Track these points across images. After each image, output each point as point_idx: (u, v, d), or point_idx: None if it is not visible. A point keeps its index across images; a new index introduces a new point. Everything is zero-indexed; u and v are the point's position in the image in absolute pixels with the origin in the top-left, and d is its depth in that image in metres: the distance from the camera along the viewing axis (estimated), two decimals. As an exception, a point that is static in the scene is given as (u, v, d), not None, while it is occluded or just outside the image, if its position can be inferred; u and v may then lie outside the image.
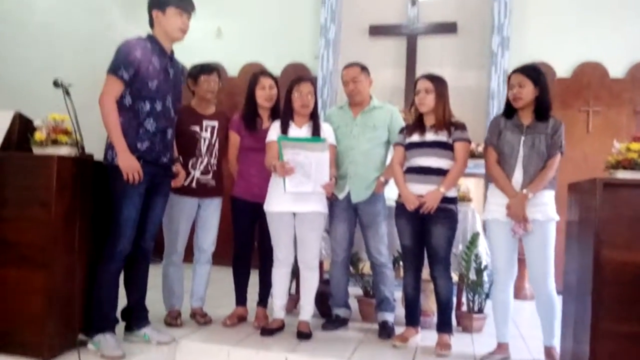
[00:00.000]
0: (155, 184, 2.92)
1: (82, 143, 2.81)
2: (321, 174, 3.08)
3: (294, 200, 3.17)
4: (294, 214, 3.24)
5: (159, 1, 2.86)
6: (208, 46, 6.11)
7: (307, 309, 3.33)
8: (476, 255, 3.62)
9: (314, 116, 3.31)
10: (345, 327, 3.57)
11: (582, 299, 2.46)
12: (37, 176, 2.65)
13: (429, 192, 3.05)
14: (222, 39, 6.25)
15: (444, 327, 3.17)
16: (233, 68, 6.22)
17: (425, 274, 3.29)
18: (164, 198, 3.03)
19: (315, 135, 3.23)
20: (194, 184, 3.40)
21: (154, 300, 3.41)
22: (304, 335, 3.23)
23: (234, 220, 3.48)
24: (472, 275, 3.63)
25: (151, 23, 2.91)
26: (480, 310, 3.66)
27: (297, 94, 3.24)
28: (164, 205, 3.06)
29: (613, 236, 2.31)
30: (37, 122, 2.79)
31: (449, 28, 5.71)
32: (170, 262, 3.44)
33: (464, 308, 3.76)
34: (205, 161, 3.43)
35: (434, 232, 3.09)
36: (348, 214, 3.49)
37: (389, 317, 3.46)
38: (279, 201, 3.20)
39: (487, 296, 3.65)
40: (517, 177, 2.94)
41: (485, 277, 3.63)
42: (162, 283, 3.46)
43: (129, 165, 2.72)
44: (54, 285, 2.66)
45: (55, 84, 2.81)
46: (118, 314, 3.00)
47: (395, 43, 5.89)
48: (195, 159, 3.41)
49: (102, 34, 5.42)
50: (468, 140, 3.14)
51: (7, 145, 2.75)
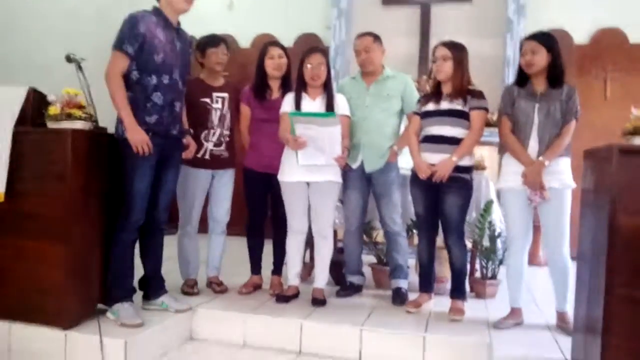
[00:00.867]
0: (166, 156, 2.94)
1: (95, 117, 2.85)
2: (333, 148, 3.08)
3: (308, 170, 3.18)
4: (307, 184, 3.26)
5: None
6: (220, 18, 6.08)
7: (321, 276, 3.38)
8: (490, 222, 3.61)
9: (327, 87, 3.30)
10: (359, 294, 3.61)
11: (596, 264, 2.46)
12: (52, 150, 2.69)
13: (441, 160, 3.04)
14: (234, 11, 6.20)
15: (457, 293, 3.19)
16: (245, 39, 6.19)
17: (439, 241, 3.30)
18: (175, 170, 3.06)
19: (329, 107, 3.23)
20: (207, 156, 3.43)
21: (171, 270, 3.47)
22: (318, 302, 3.28)
23: (246, 191, 3.50)
24: (486, 242, 3.64)
25: None
26: (494, 277, 3.68)
27: (309, 66, 3.23)
28: (175, 177, 3.09)
29: (629, 202, 2.29)
30: (51, 97, 2.81)
31: (463, -5, 5.61)
32: (184, 233, 3.49)
33: (477, 274, 3.79)
34: (218, 133, 3.45)
35: (447, 201, 3.09)
36: (361, 183, 3.50)
37: (402, 284, 3.49)
38: (292, 171, 3.22)
39: (501, 263, 3.67)
40: (533, 145, 2.92)
41: (499, 244, 3.63)
42: (177, 253, 3.52)
43: (137, 139, 2.74)
44: (72, 256, 2.72)
45: (68, 59, 2.85)
46: (136, 284, 3.07)
47: (408, 12, 5.79)
48: (207, 131, 3.42)
49: (113, 7, 5.40)
50: (485, 109, 3.10)
51: (22, 121, 2.78)
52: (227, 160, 3.51)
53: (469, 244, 3.59)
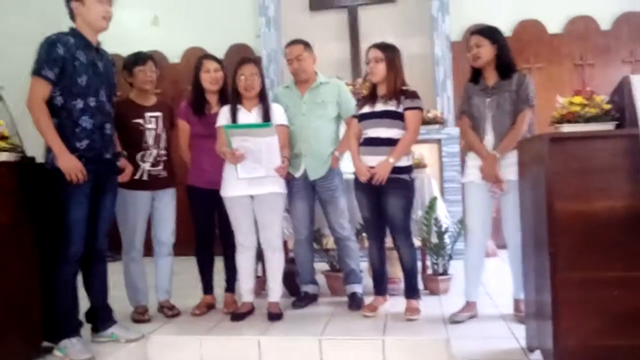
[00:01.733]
0: (101, 181, 2.83)
1: (22, 147, 2.70)
2: (272, 158, 3.05)
3: (250, 184, 3.14)
4: (251, 197, 3.21)
5: None
6: (146, 34, 5.93)
7: (275, 289, 3.33)
8: (436, 219, 3.68)
9: (262, 98, 3.26)
10: (315, 303, 3.59)
11: (539, 251, 2.54)
12: (-24, 186, 2.53)
13: (379, 163, 3.07)
14: (159, 26, 6.06)
15: (411, 292, 3.22)
16: (174, 54, 6.06)
17: (388, 242, 3.33)
18: (112, 195, 2.95)
19: (266, 118, 3.20)
20: (145, 177, 3.32)
21: (119, 297, 3.34)
22: (275, 316, 3.24)
23: (192, 209, 3.43)
24: (434, 239, 3.70)
25: (72, 16, 2.77)
26: (445, 272, 3.75)
27: (242, 77, 3.19)
28: (113, 202, 2.97)
29: (564, 188, 2.37)
30: (-29, 129, 2.65)
31: (388, -4, 5.71)
32: (130, 258, 3.37)
33: (429, 271, 3.84)
34: (155, 153, 3.35)
35: (389, 203, 3.12)
36: (306, 191, 3.48)
37: (357, 289, 3.50)
38: (234, 186, 3.17)
39: (450, 257, 3.74)
40: (489, 139, 3.00)
41: (447, 239, 3.71)
42: (124, 280, 3.39)
43: (70, 166, 2.62)
44: (7, 297, 2.56)
45: (-14, 86, 2.68)
46: (82, 317, 2.94)
47: (336, 16, 5.84)
48: (143, 152, 3.32)
49: (36, 32, 5.16)
50: (419, 108, 3.15)
51: (-59, 157, 2.60)
52: (166, 180, 3.41)
53: (417, 242, 3.64)
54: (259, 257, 3.53)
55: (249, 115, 3.23)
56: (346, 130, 3.53)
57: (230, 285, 3.52)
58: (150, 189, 3.35)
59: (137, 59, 3.38)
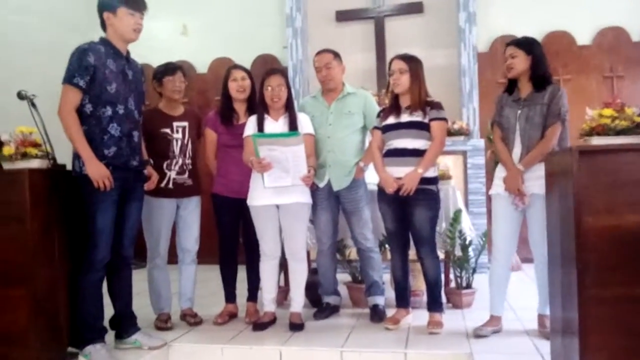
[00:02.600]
0: (128, 189, 2.87)
1: (53, 154, 2.77)
2: (298, 167, 3.06)
3: (276, 193, 3.15)
4: (277, 206, 3.23)
5: (109, 3, 2.78)
6: (175, 44, 6.02)
7: (297, 300, 3.33)
8: (460, 231, 3.64)
9: (289, 108, 3.29)
10: (336, 314, 3.58)
11: (566, 267, 2.49)
12: (9, 192, 2.59)
13: (407, 173, 3.05)
14: (188, 37, 6.16)
15: (434, 305, 3.19)
16: (202, 64, 6.15)
17: (412, 254, 3.30)
18: (138, 202, 2.99)
19: (293, 127, 3.21)
20: (170, 185, 3.36)
21: (142, 304, 3.37)
22: (296, 327, 3.23)
23: (217, 217, 3.45)
24: (458, 252, 3.66)
25: (103, 26, 2.84)
26: (469, 286, 3.70)
27: (269, 88, 3.22)
28: (139, 209, 3.01)
29: (592, 202, 2.33)
30: (4, 137, 2.72)
31: (415, 8, 5.70)
32: (154, 265, 3.40)
33: (452, 284, 3.80)
34: (180, 161, 3.39)
35: (415, 214, 3.10)
36: (330, 202, 3.48)
37: (379, 301, 3.48)
38: (261, 195, 3.18)
39: (475, 271, 3.69)
40: (517, 151, 2.97)
41: (471, 252, 3.66)
42: (148, 287, 3.43)
43: (98, 173, 2.67)
44: (37, 300, 2.61)
45: (20, 96, 2.76)
46: (106, 323, 2.97)
47: (362, 27, 5.85)
48: (169, 161, 3.37)
49: (62, 42, 5.29)
50: (444, 119, 3.13)
51: (-25, 163, 2.68)
52: (191, 188, 3.45)
53: (441, 255, 3.60)
54: (282, 266, 3.53)
55: (275, 125, 3.25)
56: (370, 141, 3.52)
57: (253, 295, 3.53)
58: (175, 197, 3.39)
59: (167, 69, 3.45)
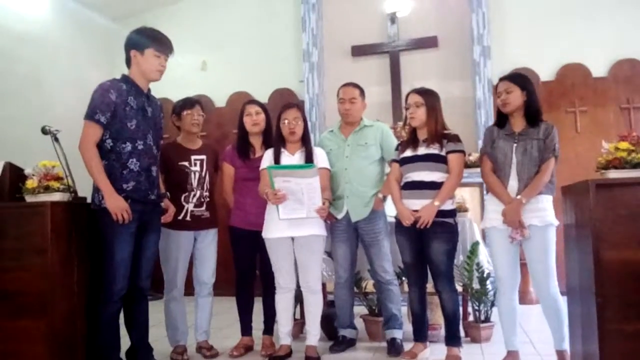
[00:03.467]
0: (145, 221, 2.91)
1: (74, 187, 2.82)
2: (313, 199, 3.09)
3: (291, 225, 3.17)
4: (292, 239, 3.24)
5: (138, 42, 2.88)
6: (194, 79, 6.16)
7: (313, 333, 3.31)
8: (477, 264, 3.61)
9: (305, 141, 3.33)
10: (353, 348, 3.54)
11: (586, 300, 2.46)
12: (31, 224, 2.65)
13: (424, 206, 3.06)
14: (207, 72, 6.31)
15: (452, 340, 3.14)
16: (220, 99, 6.27)
17: (429, 287, 3.27)
18: (155, 235, 3.03)
19: (309, 160, 3.25)
20: (188, 217, 3.40)
21: (159, 336, 3.38)
22: (312, 360, 3.21)
23: (234, 250, 3.48)
24: (476, 285, 3.62)
25: (128, 62, 2.93)
26: (487, 319, 3.65)
27: (286, 121, 3.27)
28: (156, 242, 3.05)
29: (611, 236, 2.32)
30: (27, 171, 2.80)
31: (429, 42, 5.77)
32: (171, 297, 3.42)
33: (471, 318, 3.75)
34: (198, 194, 3.44)
35: (433, 247, 3.08)
36: (348, 234, 3.49)
37: (397, 334, 3.44)
38: (276, 227, 3.20)
39: (493, 304, 3.64)
40: (512, 184, 2.94)
41: (489, 285, 3.62)
42: (165, 319, 3.44)
43: (117, 206, 2.71)
44: (55, 332, 2.64)
45: (44, 131, 2.83)
46: (123, 355, 2.97)
47: (378, 61, 5.94)
48: (187, 193, 3.42)
49: (85, 79, 5.47)
50: (462, 152, 3.14)
51: (-1, 196, 2.75)
52: (208, 220, 3.48)
53: (459, 288, 3.56)
54: (298, 299, 3.52)
55: (292, 158, 3.30)
56: (388, 174, 3.53)
57: (269, 327, 3.52)
58: (193, 229, 3.42)
59: (185, 103, 3.53)
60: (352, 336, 3.60)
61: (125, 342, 2.98)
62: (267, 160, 3.29)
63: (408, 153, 3.19)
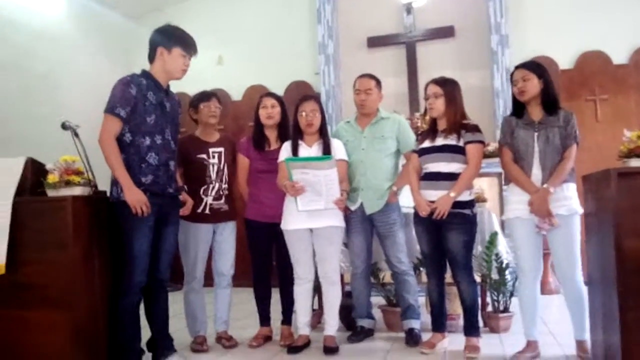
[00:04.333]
0: (164, 214, 2.94)
1: (94, 182, 2.86)
2: (331, 191, 3.09)
3: (309, 217, 3.18)
4: (310, 230, 3.25)
5: (167, 40, 2.91)
6: (211, 74, 6.19)
7: (331, 323, 3.33)
8: (496, 254, 3.59)
9: (323, 133, 3.34)
10: (371, 338, 3.55)
11: (607, 289, 2.43)
12: (53, 218, 2.70)
13: (440, 197, 3.04)
14: (223, 66, 6.34)
15: (471, 330, 3.14)
16: (237, 92, 6.31)
17: (448, 277, 3.26)
18: (174, 227, 3.06)
19: (326, 152, 3.26)
20: (207, 210, 3.43)
21: (179, 327, 3.42)
22: (330, 350, 3.22)
23: (250, 242, 3.50)
24: (495, 275, 3.60)
25: (151, 57, 2.96)
26: (506, 309, 3.63)
27: (303, 114, 3.28)
28: (175, 234, 3.08)
29: (632, 225, 2.29)
30: (49, 166, 2.84)
31: (446, 32, 5.72)
32: (190, 288, 3.46)
33: (489, 308, 3.73)
34: (217, 187, 3.46)
35: (450, 238, 3.07)
36: (364, 225, 3.49)
37: (415, 325, 3.44)
38: (294, 219, 3.22)
39: (512, 294, 3.62)
40: (536, 174, 2.92)
41: (508, 275, 3.60)
42: (184, 310, 3.48)
43: (136, 199, 2.75)
44: (77, 324, 2.69)
45: (64, 126, 2.88)
46: (144, 345, 3.02)
47: (394, 52, 5.91)
48: (206, 186, 3.44)
49: (104, 75, 5.51)
50: (481, 142, 3.11)
51: (21, 191, 2.80)
52: (227, 213, 3.51)
53: (477, 278, 3.55)
54: (316, 290, 3.54)
55: (309, 150, 3.30)
56: (405, 165, 3.52)
57: (287, 318, 3.54)
58: (212, 222, 3.45)
59: (202, 96, 3.56)
60: (370, 326, 3.61)
61: (146, 333, 3.03)
62: (285, 152, 3.31)
63: (426, 144, 3.18)
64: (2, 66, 4.85)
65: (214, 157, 3.49)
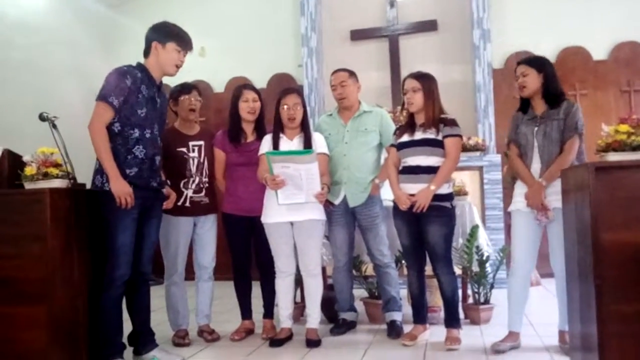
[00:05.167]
0: (147, 207, 2.92)
1: (73, 174, 2.82)
2: (312, 184, 3.09)
3: (290, 210, 3.18)
4: (291, 223, 3.25)
5: (162, 34, 2.90)
6: (192, 65, 6.08)
7: (313, 316, 3.33)
8: (477, 247, 3.62)
9: (304, 127, 3.32)
10: (353, 330, 3.57)
11: (585, 282, 2.47)
12: (30, 211, 2.64)
13: (419, 190, 3.06)
14: (206, 57, 6.26)
15: (451, 322, 3.17)
16: (219, 84, 6.25)
17: (428, 269, 3.29)
18: (157, 221, 3.04)
19: (307, 146, 3.25)
20: (187, 203, 3.41)
21: (160, 321, 3.40)
22: (313, 343, 3.23)
23: (228, 236, 3.49)
24: (475, 268, 3.64)
25: (146, 52, 2.93)
26: (487, 301, 3.67)
27: (285, 107, 3.26)
28: (157, 228, 3.06)
29: (610, 218, 2.32)
30: (26, 157, 2.79)
31: (429, 26, 5.73)
32: (172, 282, 3.43)
33: (470, 300, 3.77)
34: (197, 180, 3.44)
35: (430, 231, 3.10)
36: (346, 218, 3.50)
37: (396, 317, 3.47)
38: (275, 212, 3.21)
39: (492, 287, 3.66)
40: (536, 167, 2.97)
41: (488, 268, 3.64)
42: (166, 304, 3.46)
43: (121, 190, 2.72)
44: (57, 318, 2.65)
45: (41, 117, 2.83)
46: (125, 340, 3.00)
47: (377, 45, 5.90)
48: (186, 179, 3.41)
49: (81, 66, 5.44)
50: (458, 136, 3.14)
51: (-3, 183, 2.75)
52: (208, 206, 3.48)
53: (458, 271, 3.58)
54: (298, 283, 3.54)
55: (290, 143, 3.29)
56: (385, 159, 3.54)
57: (269, 311, 3.54)
58: (192, 215, 3.43)
59: (183, 88, 3.53)
60: (352, 319, 3.62)
61: (127, 327, 3.01)
62: (265, 145, 3.29)
63: (405, 138, 3.19)
64: (-22, 57, 4.76)
65: (193, 150, 3.46)
